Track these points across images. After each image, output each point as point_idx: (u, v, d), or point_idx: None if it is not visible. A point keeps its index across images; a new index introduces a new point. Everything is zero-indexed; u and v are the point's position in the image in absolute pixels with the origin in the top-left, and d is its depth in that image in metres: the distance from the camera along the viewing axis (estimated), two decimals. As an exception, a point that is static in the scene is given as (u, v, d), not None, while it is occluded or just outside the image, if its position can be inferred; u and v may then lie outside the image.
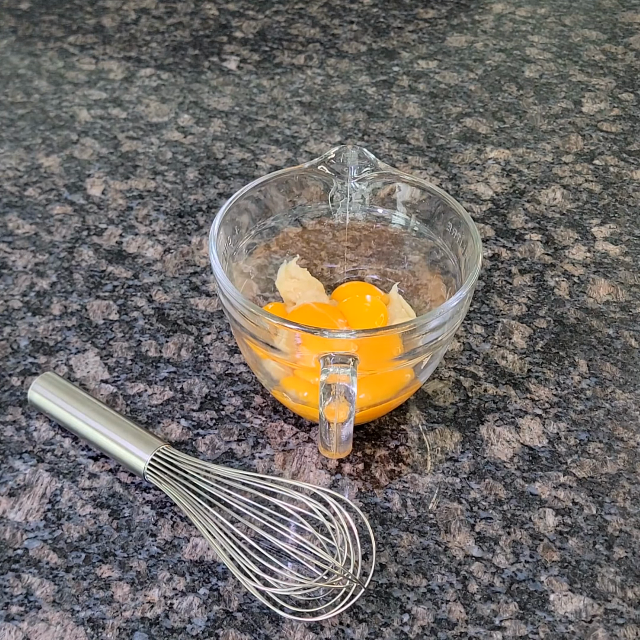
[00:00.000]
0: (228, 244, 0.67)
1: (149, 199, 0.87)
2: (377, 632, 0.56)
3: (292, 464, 0.65)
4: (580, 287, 0.79)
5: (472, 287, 0.61)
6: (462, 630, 0.57)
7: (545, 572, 0.59)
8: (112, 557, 0.60)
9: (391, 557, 0.60)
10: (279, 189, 0.70)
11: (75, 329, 0.74)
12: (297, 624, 0.57)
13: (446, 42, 1.10)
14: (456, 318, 0.62)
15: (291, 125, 0.96)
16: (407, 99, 1.00)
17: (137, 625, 0.57)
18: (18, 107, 0.98)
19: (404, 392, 0.66)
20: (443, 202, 0.68)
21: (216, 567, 0.59)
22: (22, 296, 0.77)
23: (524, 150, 0.94)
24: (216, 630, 0.56)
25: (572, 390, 0.71)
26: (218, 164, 0.91)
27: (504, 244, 0.83)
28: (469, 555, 0.60)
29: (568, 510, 0.63)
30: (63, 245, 0.82)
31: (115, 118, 0.97)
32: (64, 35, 1.10)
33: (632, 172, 0.91)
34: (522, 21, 1.14)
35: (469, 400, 0.70)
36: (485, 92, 1.02)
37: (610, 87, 1.03)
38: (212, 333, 0.74)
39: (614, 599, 0.58)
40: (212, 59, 1.06)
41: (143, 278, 0.79)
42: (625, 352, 0.74)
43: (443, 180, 0.90)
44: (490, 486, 0.64)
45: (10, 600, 0.58)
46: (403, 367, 0.63)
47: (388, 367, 0.62)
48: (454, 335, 0.64)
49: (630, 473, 0.65)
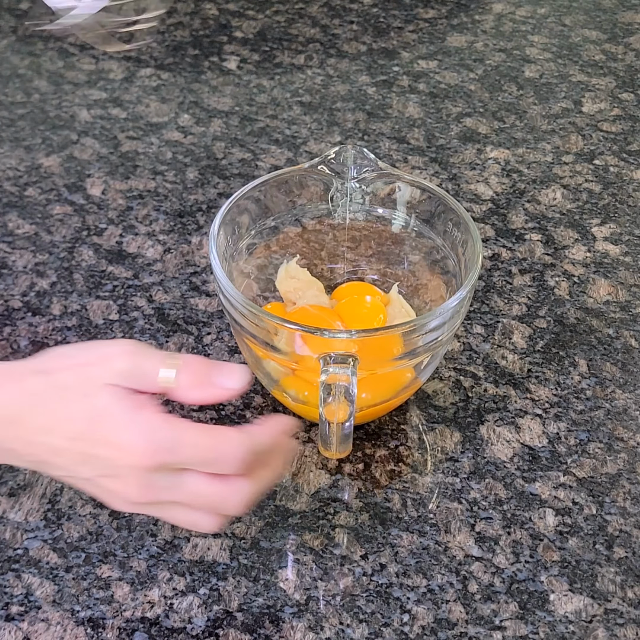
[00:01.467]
0: (228, 244, 0.67)
1: (149, 199, 0.87)
2: (377, 632, 0.56)
3: (292, 464, 0.65)
4: (580, 287, 0.79)
5: (472, 287, 0.61)
6: (462, 630, 0.57)
7: (545, 572, 0.59)
8: (112, 557, 0.60)
9: (391, 557, 0.60)
10: (279, 189, 0.70)
11: (75, 329, 0.74)
12: (297, 624, 0.57)
13: (446, 42, 1.10)
14: (456, 318, 0.62)
15: (291, 125, 0.96)
16: (407, 99, 1.00)
17: (137, 625, 0.57)
18: (18, 107, 0.98)
19: (404, 392, 0.66)
20: (443, 202, 0.68)
21: (216, 567, 0.59)
22: (22, 296, 0.77)
23: (524, 150, 0.94)
24: (216, 630, 0.56)
25: (572, 390, 0.71)
26: (218, 164, 0.91)
27: (504, 244, 0.83)
28: (469, 555, 0.60)
29: (568, 510, 0.63)
30: (63, 245, 0.82)
31: (115, 118, 0.97)
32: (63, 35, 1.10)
33: (632, 172, 0.91)
34: (522, 21, 1.14)
35: (469, 400, 0.70)
36: (485, 92, 1.02)
37: (610, 87, 1.03)
38: (212, 333, 0.74)
39: (614, 599, 0.58)
40: (212, 59, 1.06)
41: (143, 278, 0.79)
42: (625, 352, 0.74)
43: (443, 180, 0.90)
44: (490, 486, 0.64)
45: (10, 600, 0.58)
46: (403, 367, 0.63)
47: (388, 367, 0.62)
48: (454, 335, 0.64)
49: (630, 473, 0.65)
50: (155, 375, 0.50)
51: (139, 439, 0.49)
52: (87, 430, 0.49)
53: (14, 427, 0.51)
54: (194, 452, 0.49)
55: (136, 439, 0.49)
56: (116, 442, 0.49)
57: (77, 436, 0.50)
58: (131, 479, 0.50)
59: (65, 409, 0.50)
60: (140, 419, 0.49)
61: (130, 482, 0.50)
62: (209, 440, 0.50)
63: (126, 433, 0.49)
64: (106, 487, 0.51)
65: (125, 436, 0.49)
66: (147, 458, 0.49)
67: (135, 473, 0.49)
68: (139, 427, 0.49)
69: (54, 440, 0.50)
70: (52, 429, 0.50)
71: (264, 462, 0.51)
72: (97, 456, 0.50)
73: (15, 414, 0.50)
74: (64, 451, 0.50)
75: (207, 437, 0.50)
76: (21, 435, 0.51)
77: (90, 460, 0.50)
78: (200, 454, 0.49)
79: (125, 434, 0.49)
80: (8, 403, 0.51)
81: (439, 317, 0.60)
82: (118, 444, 0.49)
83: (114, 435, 0.49)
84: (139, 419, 0.49)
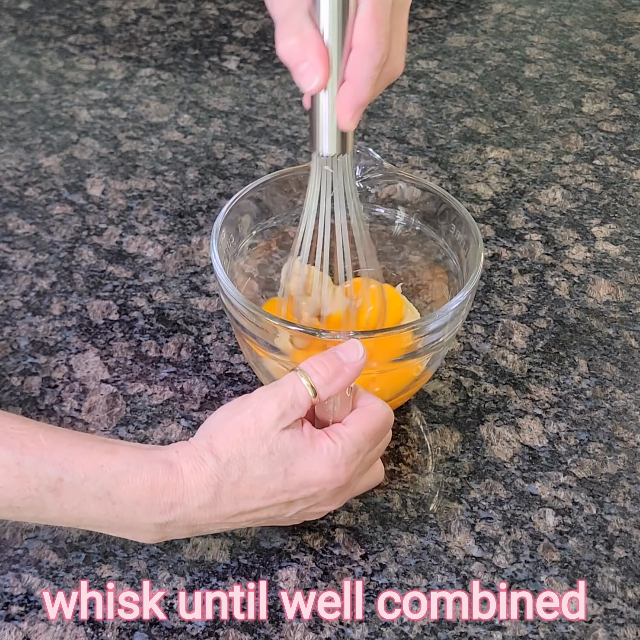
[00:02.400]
0: (230, 243, 0.67)
1: (149, 199, 0.87)
2: (377, 632, 0.56)
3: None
4: (580, 287, 0.79)
5: (473, 289, 0.61)
6: (462, 630, 0.57)
7: (545, 572, 0.59)
8: (112, 557, 0.60)
9: (391, 557, 0.60)
10: (280, 189, 0.70)
11: (75, 329, 0.74)
12: (297, 624, 0.57)
13: (446, 42, 1.10)
14: (457, 320, 0.62)
15: (291, 125, 0.96)
16: (407, 99, 1.00)
17: (137, 625, 0.57)
18: (18, 107, 0.98)
19: (413, 386, 0.66)
20: (445, 203, 0.68)
21: (216, 567, 0.59)
22: (22, 296, 0.77)
23: (524, 150, 0.94)
24: (216, 630, 0.56)
25: (572, 390, 0.70)
26: (218, 164, 0.91)
27: (504, 244, 0.83)
28: (469, 555, 0.60)
29: (568, 510, 0.63)
30: (63, 245, 0.82)
31: (115, 118, 0.97)
32: (64, 35, 1.10)
33: (632, 172, 0.91)
34: (522, 21, 1.14)
35: (469, 400, 0.70)
36: (485, 92, 1.02)
37: (610, 87, 1.03)
38: (212, 333, 0.74)
39: (614, 599, 0.58)
40: (212, 59, 1.06)
41: (143, 278, 0.79)
42: (625, 352, 0.74)
43: (443, 180, 0.90)
44: (490, 486, 0.64)
45: (10, 600, 0.58)
46: (404, 368, 0.63)
47: (388, 368, 0.62)
48: (455, 335, 0.64)
49: (630, 473, 0.65)
50: (302, 397, 0.55)
51: (329, 469, 0.54)
52: (284, 481, 0.54)
53: (207, 510, 0.54)
54: (368, 445, 0.56)
55: (329, 471, 0.54)
56: (313, 481, 0.54)
57: (278, 491, 0.55)
58: (336, 498, 0.57)
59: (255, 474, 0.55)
60: (319, 450, 0.54)
61: (334, 500, 0.57)
62: (375, 424, 0.56)
63: (319, 469, 0.54)
64: (311, 513, 0.57)
65: (319, 473, 0.54)
66: (344, 479, 0.55)
67: (336, 492, 0.56)
68: (323, 459, 0.54)
69: (248, 508, 0.55)
70: (252, 495, 0.55)
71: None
72: (302, 497, 0.55)
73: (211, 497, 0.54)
74: (266, 509, 0.55)
75: (372, 423, 0.56)
76: (215, 516, 0.55)
77: (296, 502, 0.56)
78: (373, 443, 0.57)
79: (318, 471, 0.54)
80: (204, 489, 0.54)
81: (438, 320, 0.60)
82: (316, 481, 0.55)
83: (310, 477, 0.54)
84: (317, 452, 0.54)
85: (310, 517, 0.58)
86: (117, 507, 0.52)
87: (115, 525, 0.54)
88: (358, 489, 0.60)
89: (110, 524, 0.54)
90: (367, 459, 0.57)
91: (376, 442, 0.57)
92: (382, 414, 0.56)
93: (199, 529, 0.55)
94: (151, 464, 0.53)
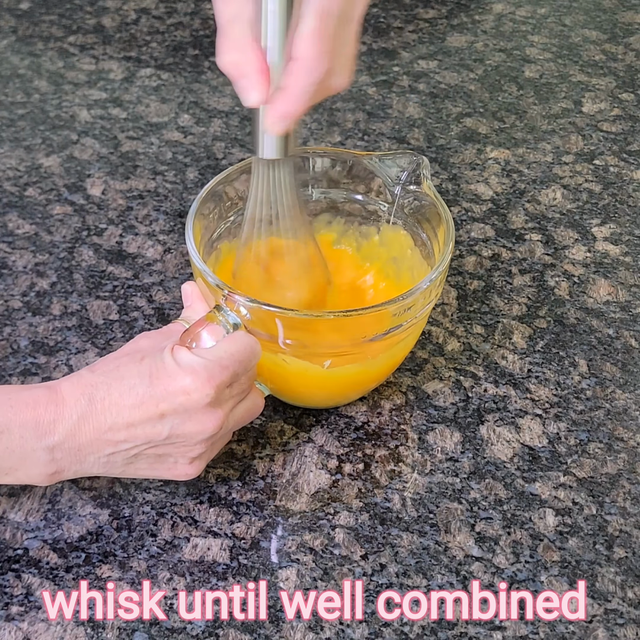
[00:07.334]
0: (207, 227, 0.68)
1: (149, 199, 0.87)
2: (377, 632, 0.57)
3: (292, 464, 0.65)
4: (580, 287, 0.79)
5: (442, 270, 0.62)
6: (462, 630, 0.57)
7: (545, 572, 0.59)
8: (112, 557, 0.60)
9: (391, 557, 0.60)
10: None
11: (75, 329, 0.74)
12: (297, 624, 0.57)
13: (446, 42, 1.10)
14: (423, 303, 0.62)
15: (291, 125, 0.96)
16: (407, 99, 1.00)
17: (137, 625, 0.57)
18: (18, 107, 0.98)
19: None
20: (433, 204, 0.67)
21: (216, 567, 0.59)
22: (22, 296, 0.77)
23: (524, 150, 0.94)
24: (216, 630, 0.56)
25: (572, 390, 0.71)
26: (218, 164, 0.91)
27: (504, 244, 0.83)
28: (469, 555, 0.60)
29: (568, 510, 0.63)
30: (63, 245, 0.82)
31: (115, 118, 0.97)
32: (64, 35, 1.10)
33: (632, 172, 0.91)
34: (522, 21, 1.14)
35: (469, 400, 0.70)
36: (485, 92, 1.02)
37: (610, 87, 1.03)
38: (212, 333, 0.74)
39: (614, 599, 0.58)
40: (212, 59, 1.06)
41: (143, 278, 0.79)
42: (625, 352, 0.74)
43: (443, 180, 0.90)
44: (490, 486, 0.64)
45: (10, 600, 0.58)
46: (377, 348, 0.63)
47: (359, 349, 0.62)
48: (427, 317, 0.63)
49: (630, 473, 0.65)
50: (176, 328, 0.61)
51: (190, 377, 0.55)
52: (150, 385, 0.56)
53: (85, 422, 0.55)
54: (232, 365, 0.57)
55: (189, 378, 0.55)
56: (177, 386, 0.55)
57: (146, 396, 0.56)
58: (212, 417, 0.57)
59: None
60: (183, 362, 0.56)
61: (211, 420, 0.57)
62: (237, 346, 0.58)
63: (180, 377, 0.55)
64: (183, 433, 0.56)
65: (181, 381, 0.55)
66: (211, 390, 0.55)
67: (209, 411, 0.56)
68: (184, 368, 0.56)
69: (122, 420, 0.55)
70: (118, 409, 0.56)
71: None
72: (172, 408, 0.55)
73: (83, 411, 0.55)
74: (140, 425, 0.56)
75: (235, 345, 0.58)
76: (93, 428, 0.56)
77: (167, 415, 0.56)
78: (240, 361, 0.58)
79: (180, 378, 0.55)
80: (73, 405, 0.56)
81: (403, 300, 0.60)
82: (179, 388, 0.55)
83: (173, 382, 0.55)
84: (181, 364, 0.56)
85: (192, 447, 0.58)
86: (4, 437, 0.53)
87: (6, 462, 0.55)
88: (238, 414, 0.60)
89: (1, 461, 0.55)
90: (238, 383, 0.58)
91: (244, 368, 0.58)
92: (245, 338, 0.59)
93: (85, 454, 0.56)
94: (31, 390, 0.56)
